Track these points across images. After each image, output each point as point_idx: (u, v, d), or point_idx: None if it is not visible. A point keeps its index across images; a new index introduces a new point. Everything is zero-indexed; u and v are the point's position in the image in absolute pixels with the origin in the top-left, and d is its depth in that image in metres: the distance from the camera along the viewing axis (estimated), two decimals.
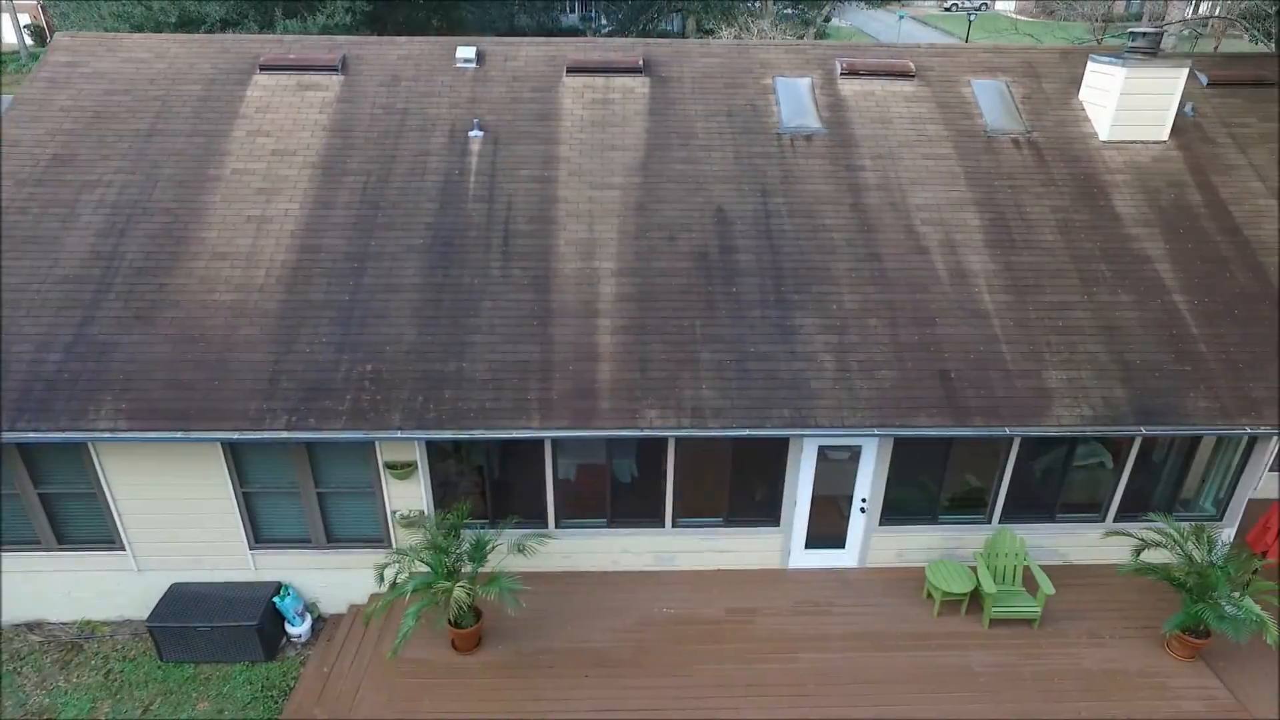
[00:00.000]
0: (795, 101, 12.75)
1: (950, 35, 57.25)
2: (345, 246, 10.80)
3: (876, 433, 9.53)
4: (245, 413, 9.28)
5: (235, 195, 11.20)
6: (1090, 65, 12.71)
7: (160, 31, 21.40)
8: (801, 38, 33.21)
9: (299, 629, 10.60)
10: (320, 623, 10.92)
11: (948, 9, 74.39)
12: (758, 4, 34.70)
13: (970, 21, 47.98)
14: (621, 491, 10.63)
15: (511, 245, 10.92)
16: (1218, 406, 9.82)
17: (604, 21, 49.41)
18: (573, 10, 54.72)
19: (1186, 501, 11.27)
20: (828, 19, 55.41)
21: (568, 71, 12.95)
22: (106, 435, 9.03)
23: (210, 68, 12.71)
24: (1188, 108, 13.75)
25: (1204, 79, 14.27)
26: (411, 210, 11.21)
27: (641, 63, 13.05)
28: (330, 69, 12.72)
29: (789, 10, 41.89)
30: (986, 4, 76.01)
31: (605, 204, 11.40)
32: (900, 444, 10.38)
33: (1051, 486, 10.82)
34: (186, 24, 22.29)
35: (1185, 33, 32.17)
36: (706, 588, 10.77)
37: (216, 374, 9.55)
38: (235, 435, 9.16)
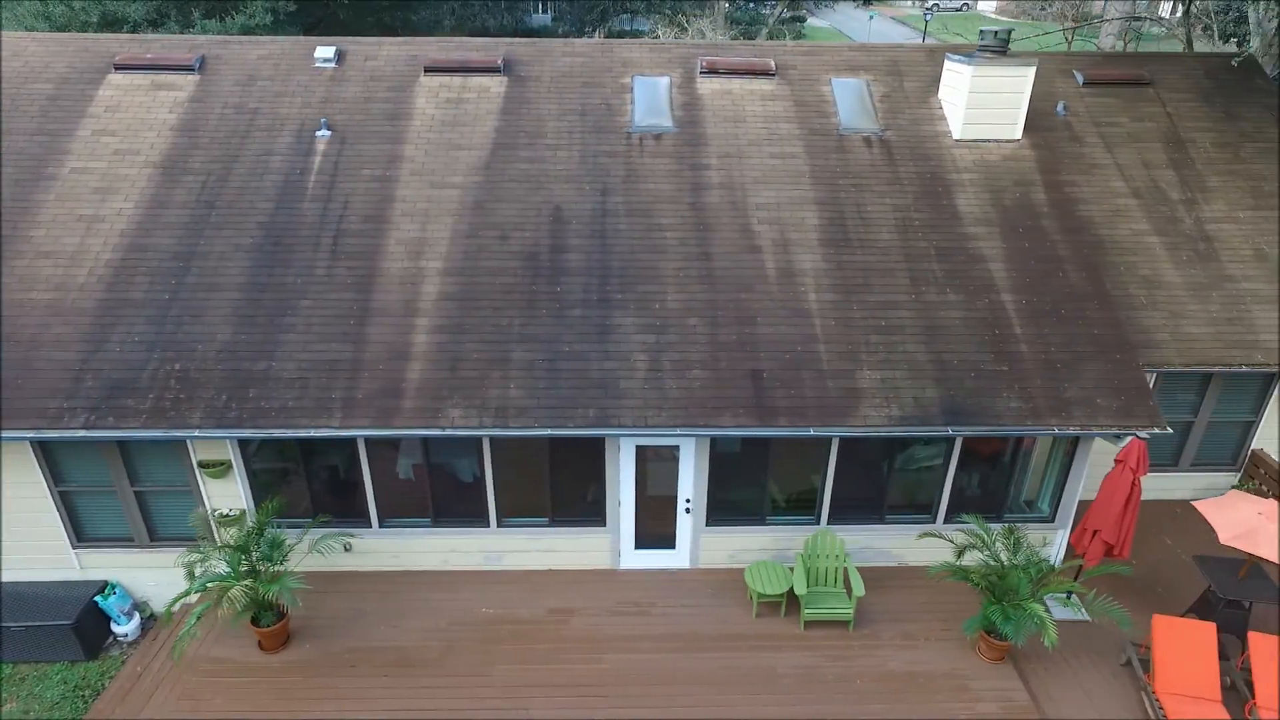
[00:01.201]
0: (650, 100, 12.71)
1: (931, 36, 57.06)
2: (174, 246, 10.80)
3: (679, 433, 9.48)
4: (44, 411, 9.29)
5: (70, 194, 11.21)
6: (946, 64, 12.65)
7: (84, 32, 21.43)
8: (746, 38, 33.14)
9: (125, 628, 10.60)
10: (151, 621, 10.92)
11: (929, 9, 74.09)
12: (712, 4, 34.58)
13: (926, 21, 47.81)
14: (443, 491, 10.61)
15: (341, 245, 10.90)
16: (1029, 407, 9.76)
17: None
18: (544, 10, 54.66)
19: (1030, 503, 11.20)
20: (802, 19, 55.23)
21: (425, 71, 12.94)
22: None
23: (65, 67, 12.74)
24: (1059, 107, 13.71)
25: (1080, 78, 14.21)
26: (246, 210, 11.20)
27: (501, 62, 13.03)
28: (186, 69, 12.73)
29: (751, 7, 41.79)
30: (968, 4, 75.72)
31: (442, 203, 11.38)
32: (719, 444, 10.34)
33: (881, 488, 10.75)
34: (110, 24, 22.34)
35: (1145, 33, 31.98)
36: (534, 588, 10.74)
37: (21, 373, 9.55)
38: (31, 434, 9.16)
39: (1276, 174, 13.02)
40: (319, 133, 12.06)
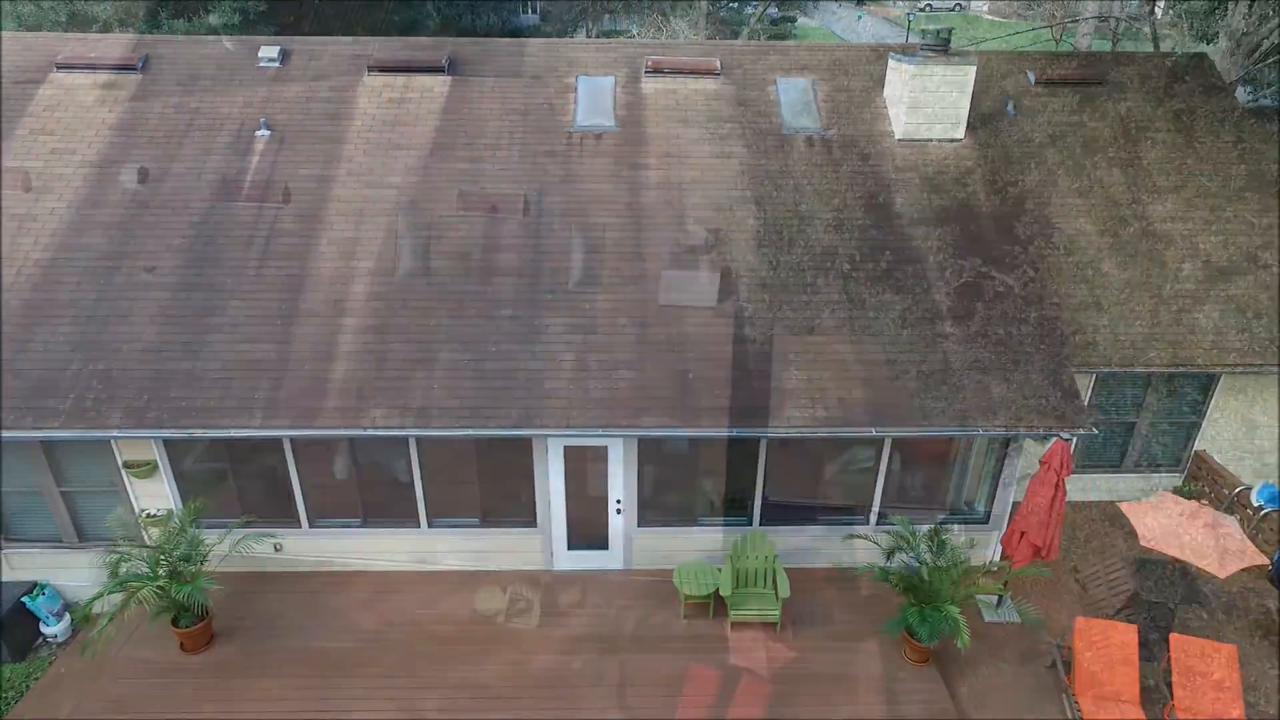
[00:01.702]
0: (594, 100, 12.67)
1: (916, 34, 56.93)
2: (105, 245, 10.77)
3: (599, 433, 9.44)
4: None
5: (3, 194, 11.17)
6: (890, 63, 12.59)
7: (53, 31, 21.45)
8: (715, 38, 32.97)
9: (54, 629, 10.55)
10: (83, 622, 10.86)
11: (922, 9, 73.92)
12: (694, 4, 34.46)
13: (910, 21, 47.73)
14: (373, 491, 10.56)
15: (273, 245, 10.86)
16: (956, 407, 9.70)
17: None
18: (533, 10, 54.51)
19: (970, 504, 11.14)
20: (793, 19, 55.09)
21: (369, 70, 12.90)
22: None
23: (7, 66, 12.70)
24: (1009, 106, 13.65)
25: (1031, 77, 14.15)
26: (180, 209, 11.16)
27: (446, 62, 12.98)
28: (129, 68, 12.70)
29: (734, 7, 41.61)
30: (961, 4, 75.54)
31: (378, 203, 11.34)
32: (649, 445, 10.29)
33: (814, 489, 10.69)
34: (80, 24, 22.34)
35: (1126, 32, 31.79)
36: (465, 589, 10.69)
37: None
38: None
39: (1225, 173, 12.95)
40: (259, 132, 12.02)
